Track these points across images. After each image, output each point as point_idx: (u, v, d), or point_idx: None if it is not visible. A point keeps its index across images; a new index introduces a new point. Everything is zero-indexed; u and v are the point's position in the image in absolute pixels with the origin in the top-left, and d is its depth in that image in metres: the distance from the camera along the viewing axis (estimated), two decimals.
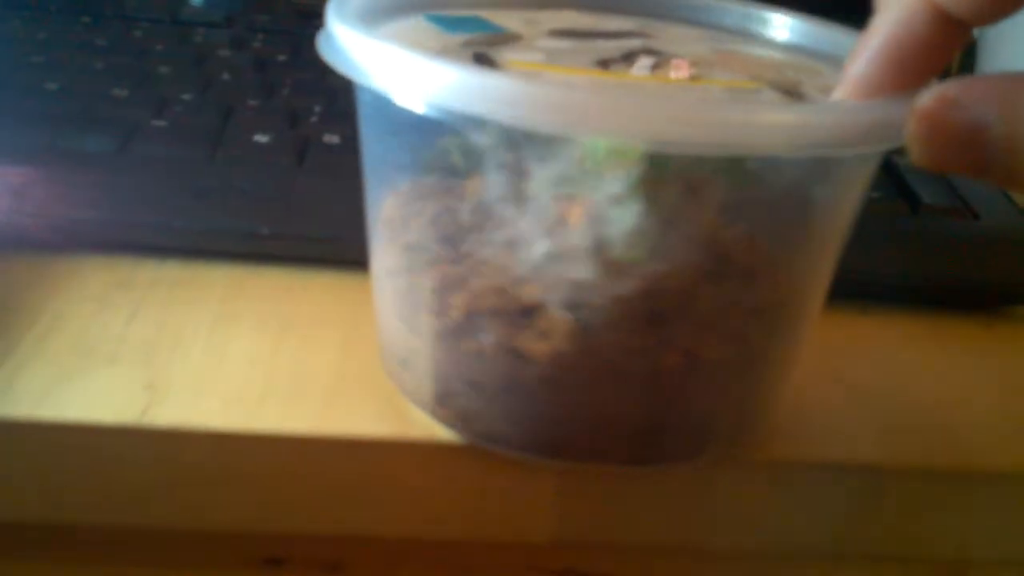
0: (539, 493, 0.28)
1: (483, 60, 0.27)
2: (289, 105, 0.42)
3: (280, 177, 0.37)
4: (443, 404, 0.27)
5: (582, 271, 0.24)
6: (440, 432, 0.27)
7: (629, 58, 0.28)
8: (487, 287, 0.25)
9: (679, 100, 0.22)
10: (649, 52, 0.28)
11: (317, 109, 0.42)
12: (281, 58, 0.48)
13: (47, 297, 0.31)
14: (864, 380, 0.32)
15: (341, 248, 0.34)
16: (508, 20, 0.30)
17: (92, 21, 0.50)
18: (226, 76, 0.45)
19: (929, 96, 0.21)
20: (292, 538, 0.29)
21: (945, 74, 0.23)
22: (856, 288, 0.35)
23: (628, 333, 0.24)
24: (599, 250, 0.24)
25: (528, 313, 0.24)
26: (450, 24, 0.29)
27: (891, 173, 0.41)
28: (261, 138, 0.39)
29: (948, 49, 0.23)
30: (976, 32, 0.58)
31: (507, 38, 0.29)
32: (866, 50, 0.23)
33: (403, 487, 0.28)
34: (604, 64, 0.27)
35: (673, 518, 0.29)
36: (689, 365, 0.25)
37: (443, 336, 0.26)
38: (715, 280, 0.24)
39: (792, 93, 0.26)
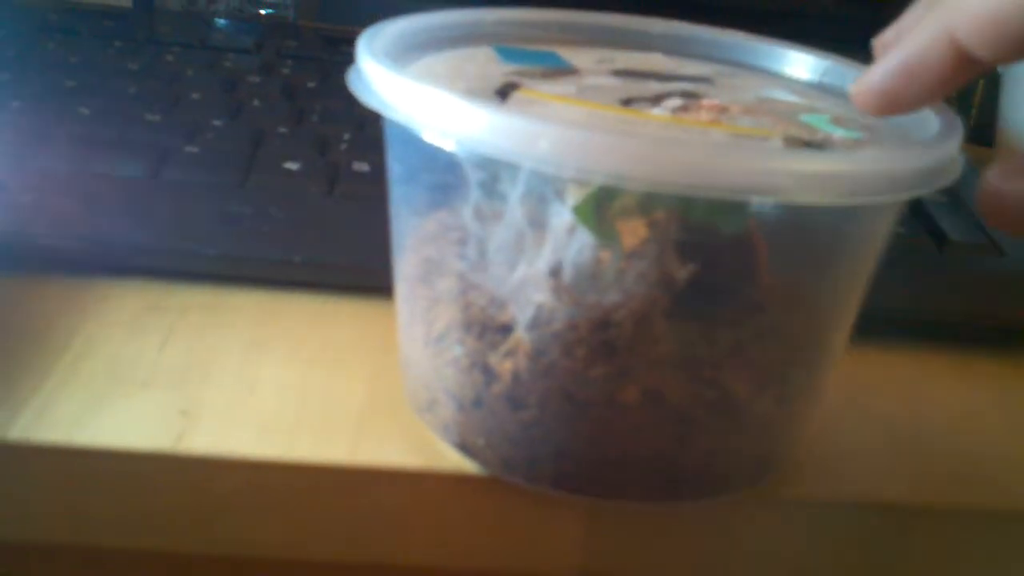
0: (566, 527, 0.28)
1: (506, 89, 0.27)
2: (319, 132, 0.42)
3: (311, 205, 0.37)
4: (430, 410, 0.28)
5: (540, 294, 0.25)
6: (468, 465, 0.27)
7: (659, 99, 0.28)
8: (473, 303, 0.26)
9: (635, 138, 0.23)
10: (688, 95, 0.28)
11: (346, 136, 0.42)
12: (310, 85, 0.48)
13: (80, 321, 0.31)
14: (890, 418, 0.32)
15: (371, 276, 0.34)
16: (581, 57, 0.31)
17: (124, 45, 0.51)
18: (256, 102, 0.45)
19: (993, 173, 0.25)
20: (320, 566, 0.29)
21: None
22: (882, 324, 0.35)
23: (581, 361, 0.25)
24: (555, 275, 0.25)
25: (503, 331, 0.25)
26: (513, 56, 0.30)
27: (918, 209, 0.41)
28: (291, 165, 0.39)
29: (959, 81, 0.25)
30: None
31: (560, 72, 0.29)
32: (880, 69, 0.25)
33: (431, 518, 0.28)
34: (627, 102, 0.27)
35: (698, 554, 0.29)
36: (651, 403, 0.25)
37: (428, 345, 0.27)
38: (682, 320, 0.25)
39: (806, 144, 0.26)
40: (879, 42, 0.28)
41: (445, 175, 0.26)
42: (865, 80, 0.26)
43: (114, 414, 0.27)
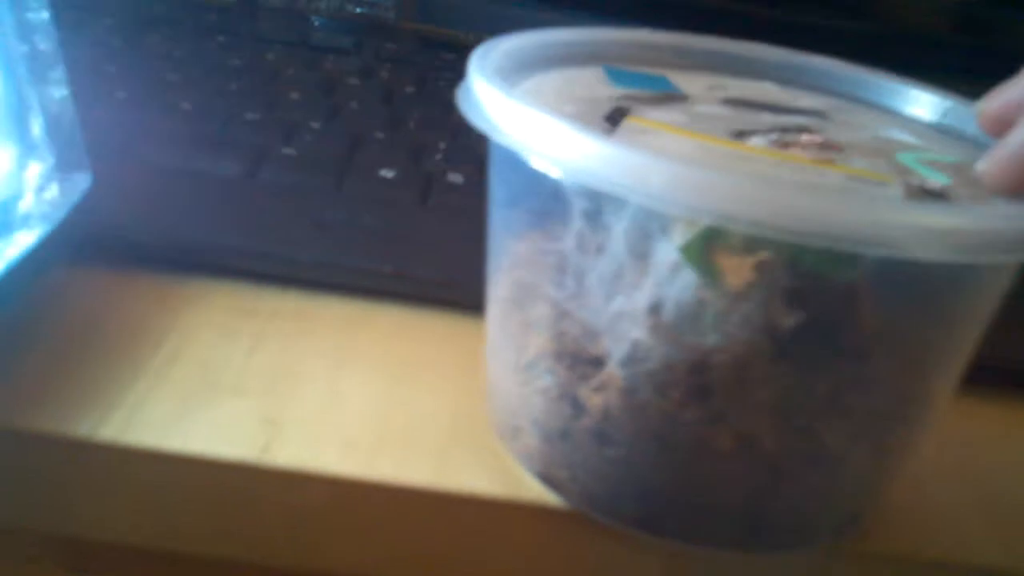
0: (645, 568, 0.27)
1: (616, 115, 0.27)
2: (415, 140, 0.42)
3: (403, 214, 0.37)
4: (515, 438, 0.28)
5: (637, 330, 0.24)
6: (550, 497, 0.27)
7: (772, 133, 0.27)
8: (566, 333, 0.25)
9: (749, 179, 0.22)
10: (802, 130, 0.27)
11: (442, 145, 0.42)
12: (408, 90, 0.48)
13: (172, 321, 0.32)
14: (988, 475, 0.31)
15: (460, 292, 0.33)
16: (692, 83, 0.31)
17: (227, 40, 0.51)
18: (354, 105, 0.45)
19: None
20: None
21: None
22: (984, 374, 0.34)
23: (674, 403, 0.24)
24: (655, 312, 0.24)
25: (595, 364, 0.25)
26: (624, 78, 0.30)
27: None
28: (386, 173, 0.39)
29: None
30: None
31: (670, 98, 0.29)
32: (1010, 149, 0.24)
33: (511, 547, 0.28)
34: (739, 135, 0.27)
35: None
36: (744, 449, 0.24)
37: (518, 371, 0.27)
38: (783, 367, 0.24)
39: (925, 193, 0.25)
40: (985, 113, 0.27)
41: (548, 201, 0.25)
42: (995, 161, 0.25)
43: (203, 420, 0.28)
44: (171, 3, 0.56)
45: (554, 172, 0.23)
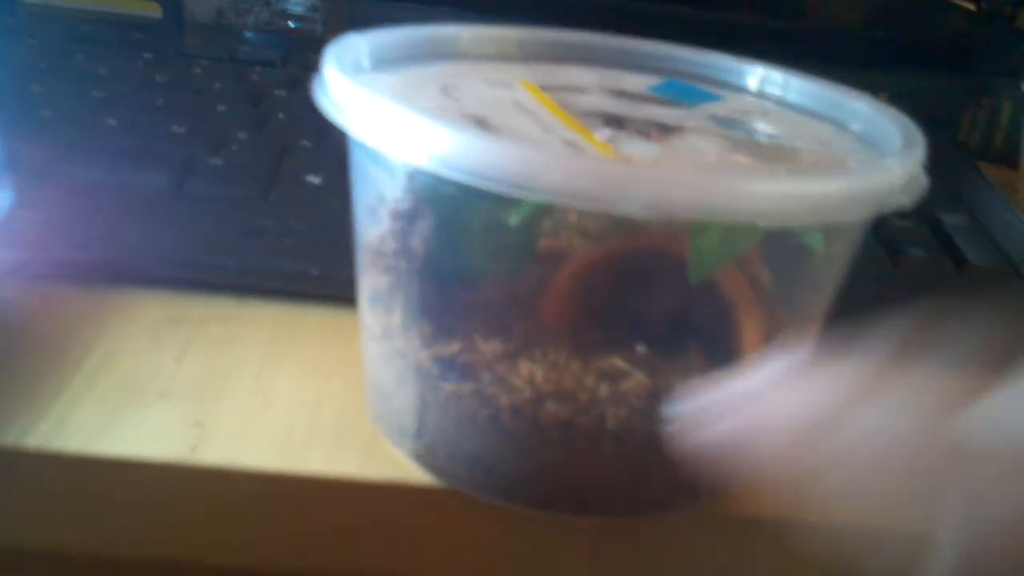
0: (572, 549, 0.28)
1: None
2: (341, 147, 0.43)
3: (331, 219, 0.37)
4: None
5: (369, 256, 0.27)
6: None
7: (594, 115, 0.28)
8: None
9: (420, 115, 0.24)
10: (647, 122, 0.28)
11: None
12: None
13: (100, 331, 0.32)
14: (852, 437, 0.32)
15: None
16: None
17: (153, 57, 0.51)
18: (281, 116, 0.46)
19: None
20: None
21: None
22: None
23: (390, 313, 0.26)
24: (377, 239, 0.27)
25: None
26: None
27: (937, 231, 0.41)
28: (313, 179, 0.39)
29: None
30: None
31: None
32: None
33: (444, 534, 0.28)
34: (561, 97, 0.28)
35: (644, 572, 0.29)
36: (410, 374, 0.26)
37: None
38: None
39: None
40: None
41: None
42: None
43: (131, 425, 0.28)
44: (97, 22, 0.56)
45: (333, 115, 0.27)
